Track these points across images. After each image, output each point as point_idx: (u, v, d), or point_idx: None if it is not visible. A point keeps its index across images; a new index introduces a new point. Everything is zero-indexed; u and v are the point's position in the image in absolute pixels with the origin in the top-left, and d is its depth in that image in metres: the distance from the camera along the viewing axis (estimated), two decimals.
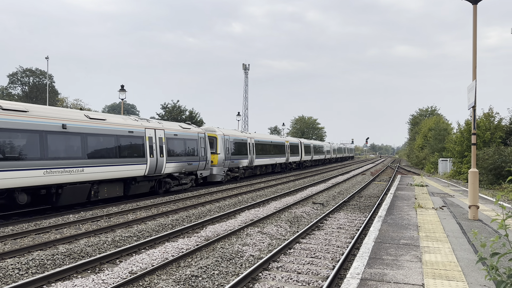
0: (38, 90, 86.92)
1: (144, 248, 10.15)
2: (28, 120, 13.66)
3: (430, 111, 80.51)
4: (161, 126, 21.09)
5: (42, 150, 14.00)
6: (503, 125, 30.69)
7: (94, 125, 16.58)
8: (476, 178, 11.12)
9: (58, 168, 14.50)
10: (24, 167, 13.22)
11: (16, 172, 12.93)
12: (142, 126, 19.47)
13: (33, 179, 13.50)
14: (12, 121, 13.09)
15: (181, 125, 23.72)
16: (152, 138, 19.91)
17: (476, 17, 11.19)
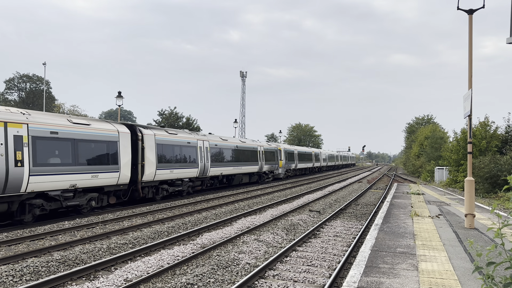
0: (34, 96, 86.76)
1: (139, 256, 10.09)
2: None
3: (426, 120, 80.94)
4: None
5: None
6: (499, 134, 30.85)
7: (244, 145, 25.80)
8: (472, 187, 11.15)
9: (235, 166, 23.01)
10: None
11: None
12: (257, 145, 28.17)
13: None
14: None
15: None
16: (260, 152, 28.02)
17: (472, 26, 11.30)
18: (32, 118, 14.05)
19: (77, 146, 15.58)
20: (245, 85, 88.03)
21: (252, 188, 30.42)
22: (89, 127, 16.38)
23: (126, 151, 17.86)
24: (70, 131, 15.36)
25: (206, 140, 25.33)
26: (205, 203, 20.46)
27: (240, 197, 23.74)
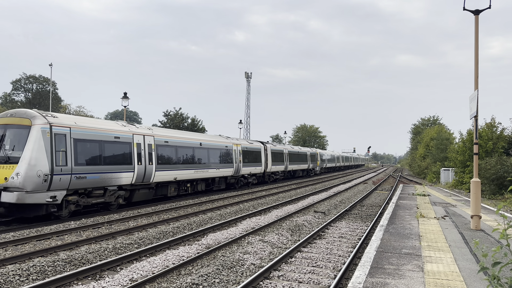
0: (41, 97, 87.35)
1: (145, 256, 10.13)
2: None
3: (432, 121, 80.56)
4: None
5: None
6: (506, 135, 30.65)
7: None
8: (478, 188, 11.09)
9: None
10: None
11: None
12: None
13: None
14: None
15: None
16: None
17: (478, 27, 11.25)
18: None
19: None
20: (250, 86, 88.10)
21: (257, 189, 30.42)
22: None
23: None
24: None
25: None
26: (210, 204, 20.50)
27: (245, 197, 23.76)
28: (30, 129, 13.86)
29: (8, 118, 14.48)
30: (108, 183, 16.63)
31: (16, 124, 14.17)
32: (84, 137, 15.77)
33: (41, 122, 14.12)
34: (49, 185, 13.93)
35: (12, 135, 14.13)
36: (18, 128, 14.10)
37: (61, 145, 14.64)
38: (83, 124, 16.05)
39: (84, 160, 15.58)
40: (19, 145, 13.83)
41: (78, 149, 15.38)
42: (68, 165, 14.75)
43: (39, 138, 13.83)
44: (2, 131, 14.19)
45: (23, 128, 13.98)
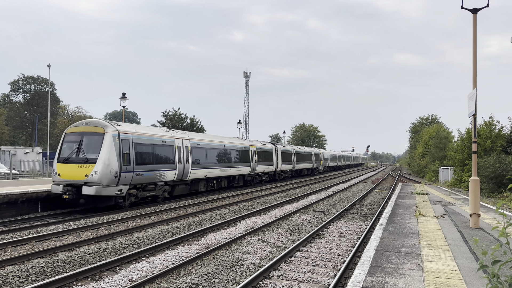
0: (39, 98, 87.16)
1: (144, 256, 10.13)
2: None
3: (430, 120, 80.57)
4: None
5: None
6: (504, 133, 30.67)
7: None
8: (477, 187, 11.10)
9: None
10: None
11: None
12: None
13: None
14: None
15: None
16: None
17: (476, 26, 11.26)
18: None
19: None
20: (248, 86, 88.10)
21: (256, 188, 30.43)
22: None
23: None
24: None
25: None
26: (209, 204, 20.49)
27: (244, 197, 23.76)
28: (103, 136, 16.89)
29: (84, 127, 17.60)
30: (157, 179, 19.82)
31: (92, 132, 17.23)
32: (142, 142, 18.90)
33: (112, 130, 17.20)
34: (118, 181, 16.97)
35: (88, 141, 17.13)
36: (93, 135, 17.12)
37: (126, 148, 17.72)
38: (140, 131, 19.37)
39: (142, 160, 18.67)
40: (95, 148, 16.78)
41: (138, 151, 18.48)
42: (131, 164, 17.81)
43: (111, 143, 16.87)
44: (79, 138, 17.24)
45: (98, 135, 17.01)
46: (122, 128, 17.88)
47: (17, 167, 40.09)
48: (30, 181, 23.45)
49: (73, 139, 17.47)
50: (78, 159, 16.89)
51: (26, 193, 16.36)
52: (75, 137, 17.46)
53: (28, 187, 17.86)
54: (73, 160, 16.94)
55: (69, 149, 17.39)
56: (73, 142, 17.38)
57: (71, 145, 17.39)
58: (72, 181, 16.54)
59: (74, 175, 16.59)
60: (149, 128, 21.55)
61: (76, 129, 17.78)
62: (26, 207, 16.56)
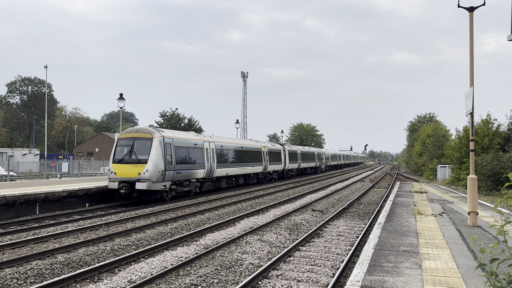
0: (36, 99, 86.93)
1: (143, 257, 10.11)
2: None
3: (428, 118, 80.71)
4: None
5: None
6: (501, 131, 30.76)
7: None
8: (475, 185, 11.13)
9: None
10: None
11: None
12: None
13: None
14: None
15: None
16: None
17: (472, 24, 11.28)
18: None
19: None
20: (246, 86, 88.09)
21: (255, 188, 30.45)
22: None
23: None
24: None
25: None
26: (208, 204, 20.48)
27: (243, 197, 23.76)
28: (152, 140, 19.95)
29: (134, 133, 20.86)
30: (191, 176, 23.03)
31: (141, 137, 20.30)
32: (180, 145, 22.06)
33: (158, 135, 20.33)
34: (163, 178, 20.01)
35: (139, 145, 20.13)
36: (143, 139, 20.17)
37: (169, 150, 20.73)
38: (178, 136, 22.71)
39: (180, 160, 21.76)
40: (145, 151, 19.81)
41: (177, 153, 21.55)
42: (173, 164, 20.87)
43: (158, 146, 19.93)
44: (131, 142, 20.33)
45: (147, 139, 20.06)
46: (165, 134, 21.09)
47: (14, 168, 39.98)
48: (28, 183, 23.39)
49: (125, 143, 20.56)
50: (131, 160, 19.94)
51: (24, 195, 16.33)
52: (127, 141, 20.55)
53: (26, 189, 17.82)
54: (126, 161, 19.99)
55: (122, 151, 20.44)
56: (126, 146, 20.43)
57: (124, 148, 20.43)
58: (126, 178, 19.57)
59: (128, 173, 19.62)
60: (184, 133, 24.88)
61: (127, 135, 20.97)
62: (24, 209, 16.53)
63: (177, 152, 21.55)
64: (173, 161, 20.88)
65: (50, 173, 39.78)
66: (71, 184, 20.93)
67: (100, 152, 69.32)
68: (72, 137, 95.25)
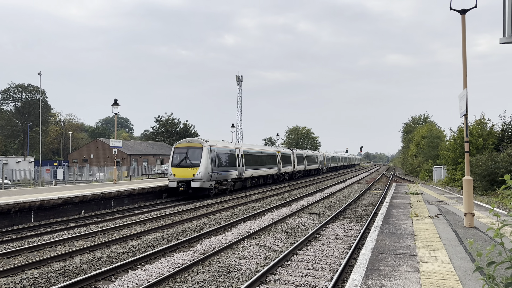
0: (30, 106, 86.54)
1: (139, 264, 10.05)
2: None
3: (422, 119, 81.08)
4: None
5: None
6: (495, 131, 30.94)
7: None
8: (470, 186, 11.16)
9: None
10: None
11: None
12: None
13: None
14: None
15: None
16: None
17: (465, 26, 11.35)
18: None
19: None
20: (241, 89, 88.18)
21: (251, 192, 30.42)
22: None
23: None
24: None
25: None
26: (204, 209, 20.42)
27: (240, 201, 23.71)
28: (202, 149, 25.52)
29: (188, 143, 26.51)
30: (228, 177, 28.35)
31: (194, 146, 25.88)
32: (220, 152, 27.49)
33: (206, 145, 25.84)
34: (210, 178, 25.32)
35: (192, 153, 25.59)
36: (195, 148, 25.72)
37: (213, 156, 26.02)
38: (219, 144, 27.95)
39: (220, 164, 27.09)
40: (197, 157, 25.32)
41: (219, 159, 26.86)
42: (216, 167, 26.19)
43: (206, 153, 25.40)
44: (185, 150, 25.84)
45: (198, 148, 25.63)
46: (210, 143, 26.35)
47: (9, 176, 39.71)
48: (22, 191, 23.21)
49: (181, 151, 25.93)
50: (187, 164, 25.29)
51: (18, 203, 16.21)
52: (182, 150, 25.95)
53: (21, 197, 17.69)
54: (183, 165, 25.38)
55: (178, 158, 25.75)
56: (181, 153, 25.78)
57: (180, 156, 25.72)
58: (183, 179, 24.88)
59: (184, 175, 24.99)
60: (222, 142, 29.92)
61: (182, 144, 26.55)
62: (19, 217, 16.40)
63: (219, 158, 26.88)
64: (216, 165, 26.13)
65: (45, 180, 39.54)
66: (66, 191, 20.81)
67: (95, 158, 68.97)
68: (66, 143, 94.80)
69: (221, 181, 27.19)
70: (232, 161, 29.13)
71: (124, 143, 61.71)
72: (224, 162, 27.64)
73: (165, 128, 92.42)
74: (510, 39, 5.63)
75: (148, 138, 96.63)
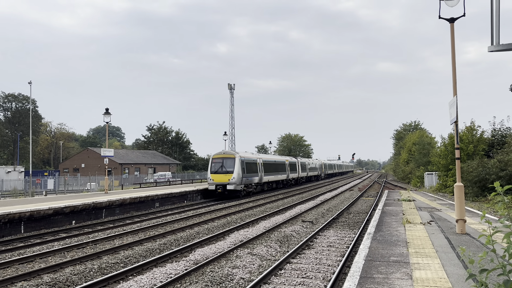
0: (21, 116, 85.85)
1: (131, 275, 9.94)
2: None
3: (413, 126, 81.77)
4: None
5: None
6: (485, 137, 31.24)
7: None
8: (461, 192, 11.23)
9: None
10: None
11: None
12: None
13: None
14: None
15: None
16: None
17: (453, 34, 11.49)
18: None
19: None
20: (233, 97, 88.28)
21: (244, 200, 30.35)
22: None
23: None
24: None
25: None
26: (197, 218, 20.31)
27: (232, 210, 23.62)
28: (235, 159, 32.12)
29: (223, 155, 33.03)
30: (252, 182, 35.07)
31: (228, 157, 32.53)
32: (247, 161, 34.26)
33: (238, 156, 32.53)
34: (241, 182, 31.91)
35: (227, 162, 32.09)
36: (229, 158, 32.34)
37: (242, 165, 32.64)
38: (246, 156, 35.31)
39: (248, 172, 33.73)
40: (231, 166, 31.86)
41: (246, 167, 33.53)
42: (245, 173, 32.76)
43: (238, 163, 31.99)
44: (221, 160, 32.25)
45: (232, 158, 32.25)
46: (241, 154, 33.58)
47: None
48: (12, 201, 22.92)
49: (218, 161, 32.55)
50: (223, 171, 31.89)
51: (8, 214, 15.99)
52: (219, 160, 32.56)
53: (11, 208, 17.46)
54: (220, 172, 31.97)
55: (216, 166, 32.37)
56: (218, 162, 32.43)
57: (217, 164, 32.43)
58: (221, 183, 31.45)
59: (222, 180, 31.53)
60: (247, 153, 37.41)
61: (219, 155, 33.10)
62: (8, 228, 16.17)
63: (246, 166, 33.49)
64: (245, 172, 32.72)
65: (36, 191, 39.09)
66: (57, 202, 20.58)
67: (87, 168, 68.40)
68: (57, 153, 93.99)
69: (248, 184, 33.78)
70: (254, 168, 35.91)
71: (115, 152, 61.36)
72: (249, 170, 34.32)
73: (157, 136, 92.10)
74: (498, 47, 5.71)
75: (140, 147, 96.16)
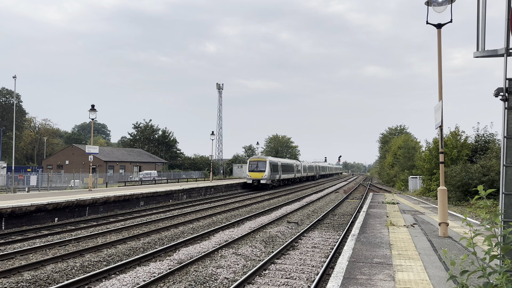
0: (4, 110, 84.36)
1: (114, 273, 9.83)
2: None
3: (399, 130, 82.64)
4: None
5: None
6: (469, 143, 31.74)
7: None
8: (445, 196, 11.39)
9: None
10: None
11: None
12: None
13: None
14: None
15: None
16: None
17: (440, 40, 11.66)
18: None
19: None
20: (221, 97, 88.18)
21: (231, 200, 30.28)
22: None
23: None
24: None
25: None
26: (182, 217, 20.20)
27: (218, 210, 23.57)
28: (266, 162, 45.71)
29: (257, 158, 47.41)
30: (275, 178, 48.07)
31: (261, 160, 46.24)
32: (273, 163, 47.66)
33: (268, 159, 46.30)
34: (269, 178, 45.36)
35: (260, 164, 45.60)
36: (262, 161, 45.92)
37: (270, 166, 46.01)
38: (272, 159, 48.58)
39: (273, 170, 46.67)
40: (264, 166, 45.40)
41: (272, 167, 46.69)
42: (271, 172, 46.12)
43: (268, 164, 45.59)
44: (256, 162, 45.83)
45: (264, 161, 45.84)
46: (269, 158, 46.35)
47: None
48: None
49: (253, 163, 45.53)
50: (258, 170, 44.74)
51: None
52: (255, 162, 45.57)
53: None
54: (255, 170, 44.88)
55: (252, 166, 45.25)
56: (254, 164, 45.43)
57: (253, 165, 45.31)
58: (256, 179, 44.18)
59: (257, 176, 44.36)
60: (272, 157, 50.57)
61: (255, 159, 46.32)
62: None
63: (272, 167, 46.21)
64: (272, 171, 45.59)
65: (18, 187, 38.44)
66: (39, 198, 20.27)
67: (71, 165, 67.49)
68: (41, 149, 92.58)
69: (273, 180, 46.35)
70: (276, 169, 48.63)
71: (100, 149, 60.64)
72: (274, 170, 47.16)
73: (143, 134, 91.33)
74: (483, 53, 5.80)
75: (126, 144, 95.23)
